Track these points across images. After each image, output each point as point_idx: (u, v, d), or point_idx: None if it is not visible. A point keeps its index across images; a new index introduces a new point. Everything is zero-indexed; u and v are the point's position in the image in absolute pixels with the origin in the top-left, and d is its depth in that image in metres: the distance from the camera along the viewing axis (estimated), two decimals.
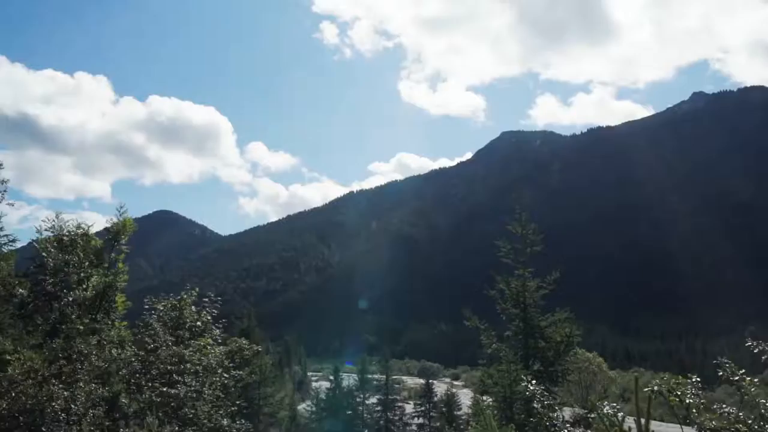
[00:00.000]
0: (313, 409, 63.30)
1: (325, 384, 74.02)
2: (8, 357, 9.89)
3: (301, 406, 66.84)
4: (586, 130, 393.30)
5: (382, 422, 58.97)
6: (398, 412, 59.43)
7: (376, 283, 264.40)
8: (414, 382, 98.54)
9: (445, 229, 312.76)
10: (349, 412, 61.67)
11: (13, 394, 9.42)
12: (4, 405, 9.51)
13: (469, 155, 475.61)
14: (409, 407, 61.46)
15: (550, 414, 5.96)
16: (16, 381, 9.56)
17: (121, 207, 14.60)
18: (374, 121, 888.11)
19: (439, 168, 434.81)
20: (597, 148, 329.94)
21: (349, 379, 67.41)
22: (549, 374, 10.63)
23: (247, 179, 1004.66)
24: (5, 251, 13.51)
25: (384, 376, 60.82)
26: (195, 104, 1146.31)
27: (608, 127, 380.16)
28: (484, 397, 15.79)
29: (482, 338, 8.81)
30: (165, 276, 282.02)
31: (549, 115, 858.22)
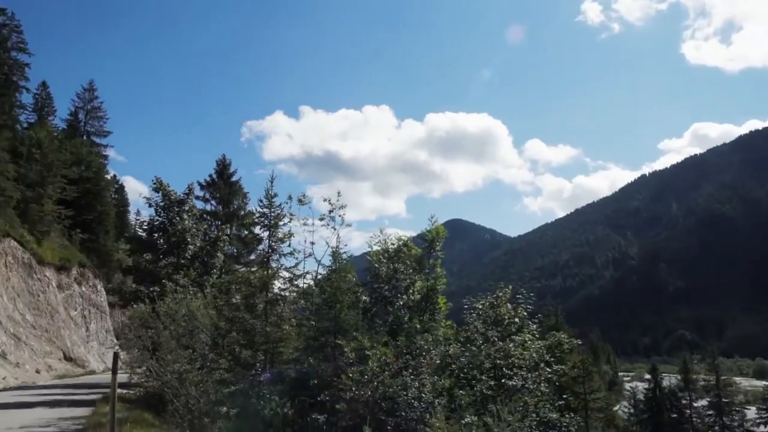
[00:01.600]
0: (631, 410, 59.62)
1: (641, 384, 69.18)
2: (367, 353, 11.67)
3: (616, 407, 63.44)
4: None
5: (716, 428, 52.33)
6: (737, 417, 51.96)
7: (685, 272, 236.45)
8: (750, 383, 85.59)
9: (767, 202, 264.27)
10: (674, 415, 56.44)
11: (375, 384, 11.08)
12: (369, 392, 11.24)
13: None
14: (750, 412, 53.39)
15: None
16: (375, 373, 11.24)
17: (432, 217, 16.04)
18: (658, 95, 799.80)
19: (749, 132, 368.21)
20: None
21: (669, 380, 61.87)
22: None
23: (529, 178, 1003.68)
24: (346, 264, 15.81)
25: (713, 377, 54.00)
26: (468, 114, 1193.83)
27: None
28: None
29: None
30: (462, 281, 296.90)
31: None
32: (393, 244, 16.01)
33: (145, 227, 26.77)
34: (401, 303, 15.01)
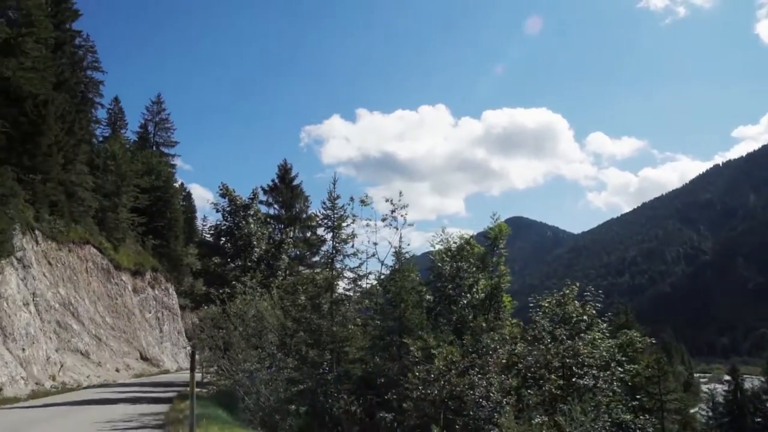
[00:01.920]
0: (710, 413, 56.84)
1: (719, 386, 65.95)
2: (433, 351, 11.68)
3: (693, 410, 60.59)
4: None
5: None
6: None
7: (766, 267, 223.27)
8: None
9: None
10: (758, 419, 53.41)
11: (442, 383, 11.07)
12: (435, 391, 11.24)
13: None
14: None
15: None
16: (442, 372, 11.22)
17: (494, 215, 15.88)
18: (730, 80, 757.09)
19: None
20: None
21: (752, 381, 58.66)
22: None
23: (592, 173, 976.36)
24: (409, 264, 15.81)
25: None
26: (526, 109, 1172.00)
27: None
28: None
29: None
30: (525, 280, 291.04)
31: None
32: (455, 243, 15.95)
33: (213, 232, 27.73)
34: (465, 302, 14.94)
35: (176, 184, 66.15)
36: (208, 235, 28.82)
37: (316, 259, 24.50)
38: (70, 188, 37.71)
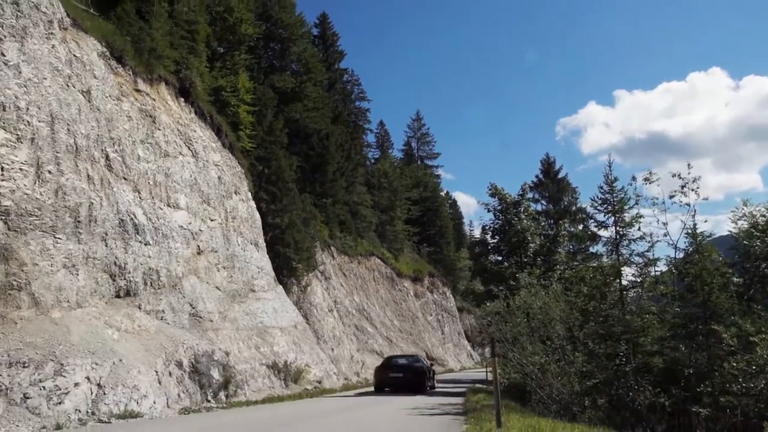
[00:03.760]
0: None
1: None
2: (752, 339, 10.18)
3: None
4: None
5: None
6: None
7: None
8: None
9: None
10: None
11: None
12: (762, 384, 9.75)
13: None
14: None
15: None
16: (767, 361, 9.70)
17: None
18: None
19: None
20: None
21: None
22: None
23: None
24: (707, 244, 13.99)
25: None
26: None
27: None
28: None
29: None
30: None
31: None
32: (764, 216, 13.72)
33: (486, 231, 28.47)
34: None
35: (442, 194, 69.79)
36: (481, 236, 29.77)
37: (594, 250, 23.35)
38: (354, 207, 42.71)
